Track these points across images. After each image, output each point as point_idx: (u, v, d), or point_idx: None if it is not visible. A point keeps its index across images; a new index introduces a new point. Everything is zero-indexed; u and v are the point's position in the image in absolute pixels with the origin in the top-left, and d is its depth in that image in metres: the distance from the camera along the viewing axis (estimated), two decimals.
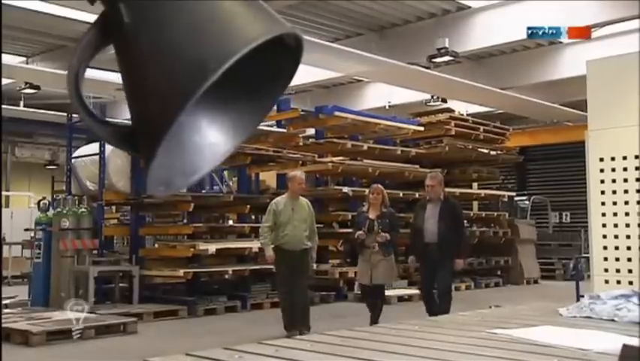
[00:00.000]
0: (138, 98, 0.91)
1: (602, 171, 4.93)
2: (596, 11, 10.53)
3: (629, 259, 4.71)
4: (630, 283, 4.61)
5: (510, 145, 15.78)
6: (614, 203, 4.83)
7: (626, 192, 4.77)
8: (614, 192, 4.84)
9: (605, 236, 4.87)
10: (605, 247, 4.87)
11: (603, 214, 4.89)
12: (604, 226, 4.88)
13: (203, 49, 0.84)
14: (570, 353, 1.86)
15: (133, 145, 0.93)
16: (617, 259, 4.78)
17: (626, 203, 4.76)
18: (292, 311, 7.17)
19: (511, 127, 16.06)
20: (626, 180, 4.78)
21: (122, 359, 6.37)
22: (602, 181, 4.91)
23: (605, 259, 4.85)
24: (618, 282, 4.70)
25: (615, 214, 4.82)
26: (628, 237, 4.74)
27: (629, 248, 4.72)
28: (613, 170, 4.86)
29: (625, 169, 4.80)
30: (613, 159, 4.87)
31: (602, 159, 4.94)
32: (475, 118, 14.71)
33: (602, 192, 4.91)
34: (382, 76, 12.92)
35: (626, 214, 4.75)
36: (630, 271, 4.70)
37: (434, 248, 6.93)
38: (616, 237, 4.80)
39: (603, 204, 4.90)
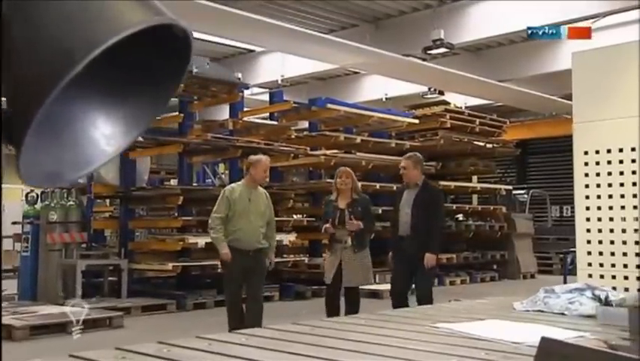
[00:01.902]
0: (12, 87, 0.91)
1: (586, 164, 4.85)
2: (596, 3, 10.38)
3: (612, 253, 4.64)
4: (613, 277, 4.57)
5: (509, 138, 15.65)
6: (598, 197, 4.76)
7: (610, 185, 4.70)
8: (599, 185, 4.76)
9: (588, 230, 4.80)
10: (588, 241, 4.80)
11: (587, 208, 4.82)
12: (588, 220, 4.81)
13: (72, 40, 0.84)
14: (501, 346, 1.79)
15: (8, 135, 0.92)
16: (601, 253, 4.71)
17: (610, 197, 4.69)
18: (241, 317, 6.02)
19: (511, 120, 15.93)
20: (610, 174, 4.71)
21: None
22: (587, 175, 4.84)
23: (589, 253, 4.78)
24: (601, 276, 4.63)
25: (599, 208, 4.75)
26: (611, 231, 4.66)
27: (612, 242, 4.65)
28: (597, 163, 4.79)
29: (609, 162, 4.72)
30: (597, 152, 4.79)
31: (586, 153, 4.86)
32: (474, 111, 14.58)
33: (587, 186, 4.84)
34: (378, 68, 12.79)
35: (610, 208, 4.68)
36: (613, 265, 4.63)
37: (408, 242, 6.03)
38: (599, 231, 4.73)
39: (587, 197, 4.82)
